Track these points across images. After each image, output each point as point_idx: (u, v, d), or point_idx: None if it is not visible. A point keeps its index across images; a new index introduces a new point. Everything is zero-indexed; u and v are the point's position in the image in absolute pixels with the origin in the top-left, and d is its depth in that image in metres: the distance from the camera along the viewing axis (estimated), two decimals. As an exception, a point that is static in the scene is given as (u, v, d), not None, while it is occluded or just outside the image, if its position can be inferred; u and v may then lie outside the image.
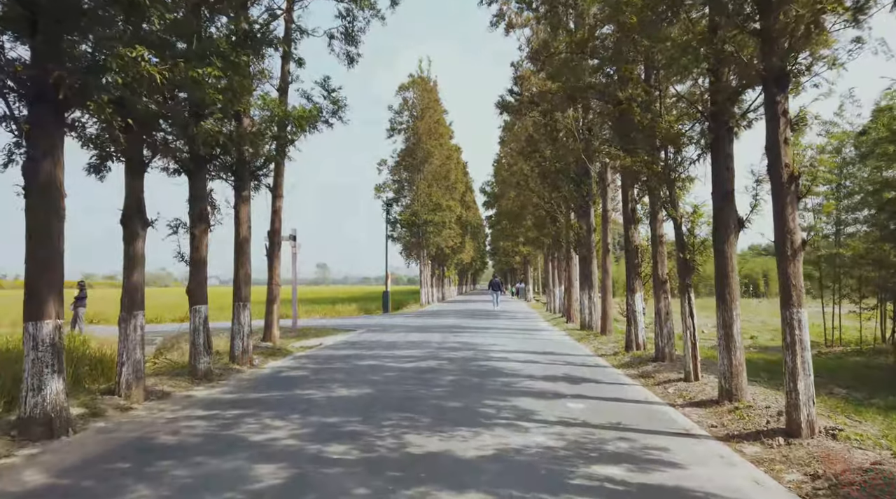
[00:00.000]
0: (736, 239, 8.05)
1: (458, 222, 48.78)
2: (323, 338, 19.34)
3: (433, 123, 42.37)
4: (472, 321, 25.34)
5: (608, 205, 16.83)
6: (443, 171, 43.65)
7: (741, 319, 8.08)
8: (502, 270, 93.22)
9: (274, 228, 14.90)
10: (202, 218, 10.49)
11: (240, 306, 12.11)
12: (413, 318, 28.71)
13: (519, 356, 13.35)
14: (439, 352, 14.22)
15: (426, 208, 41.63)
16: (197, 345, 10.37)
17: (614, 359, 12.70)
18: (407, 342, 16.58)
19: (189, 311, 10.46)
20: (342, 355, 13.82)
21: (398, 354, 13.92)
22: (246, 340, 12.11)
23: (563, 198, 20.95)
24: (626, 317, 13.53)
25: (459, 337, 18.02)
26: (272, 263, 14.89)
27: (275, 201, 14.87)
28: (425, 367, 11.82)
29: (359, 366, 12.05)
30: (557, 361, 12.67)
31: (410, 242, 43.54)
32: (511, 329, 21.29)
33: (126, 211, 8.57)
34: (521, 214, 33.92)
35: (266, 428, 6.96)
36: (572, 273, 22.88)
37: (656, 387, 9.55)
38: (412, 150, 42.07)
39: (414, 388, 9.48)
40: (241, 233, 12.19)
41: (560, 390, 9.21)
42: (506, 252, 63.08)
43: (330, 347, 15.70)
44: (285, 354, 13.97)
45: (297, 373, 11.30)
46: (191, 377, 10.26)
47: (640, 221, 13.44)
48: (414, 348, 15.03)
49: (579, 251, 20.07)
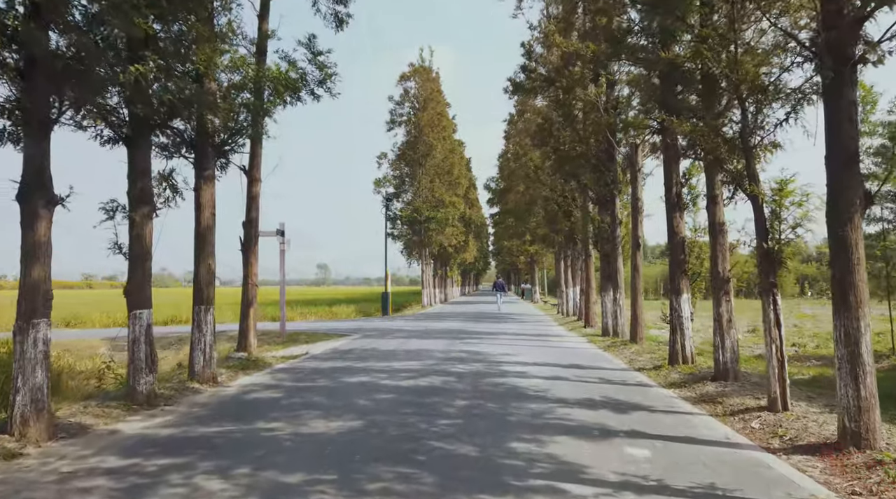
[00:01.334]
0: (861, 219, 5.79)
1: (461, 220, 46.54)
2: (312, 345, 17.09)
3: (435, 115, 40.13)
4: (479, 325, 23.06)
5: (639, 193, 14.56)
6: (445, 165, 41.40)
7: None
8: (505, 271, 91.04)
9: (250, 218, 12.64)
10: (144, 199, 8.25)
11: (201, 311, 9.87)
12: (414, 321, 26.44)
13: (540, 370, 11.08)
14: (444, 364, 11.97)
15: (428, 205, 39.38)
16: (137, 361, 8.12)
17: (658, 375, 10.42)
18: (406, 351, 14.33)
19: (128, 317, 8.21)
20: (329, 369, 11.58)
21: (395, 367, 11.67)
22: (209, 352, 9.87)
23: (582, 188, 18.67)
24: (668, 323, 11.27)
25: (466, 345, 15.75)
26: (248, 259, 12.63)
27: (251, 187, 12.61)
28: (428, 386, 9.55)
29: (346, 384, 9.80)
30: (589, 377, 10.40)
31: (412, 241, 41.29)
32: (524, 335, 19.02)
33: (23, 185, 6.33)
34: (530, 209, 31.69)
35: (194, 494, 4.72)
36: (590, 272, 20.61)
37: (731, 418, 7.27)
38: (413, 143, 39.83)
39: (413, 419, 7.22)
40: (203, 220, 9.95)
41: (607, 424, 6.94)
42: (510, 252, 60.79)
43: (316, 358, 13.45)
44: (261, 367, 11.72)
45: (269, 394, 9.04)
46: (128, 402, 8.01)
47: (686, 208, 11.17)
48: (414, 359, 12.77)
49: (601, 248, 17.80)
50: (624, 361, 12.37)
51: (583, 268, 22.65)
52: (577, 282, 25.09)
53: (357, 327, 23.18)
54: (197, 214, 9.99)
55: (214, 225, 10.12)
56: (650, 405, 8.04)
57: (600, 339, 16.96)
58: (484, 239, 75.97)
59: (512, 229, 48.28)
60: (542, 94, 18.07)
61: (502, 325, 23.53)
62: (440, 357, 13.13)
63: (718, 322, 9.22)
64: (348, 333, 20.65)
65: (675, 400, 8.48)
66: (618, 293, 16.41)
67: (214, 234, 10.11)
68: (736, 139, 7.62)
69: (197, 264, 9.95)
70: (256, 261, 12.75)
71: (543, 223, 29.31)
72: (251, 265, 12.65)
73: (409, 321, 26.25)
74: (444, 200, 39.90)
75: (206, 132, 9.86)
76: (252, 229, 12.62)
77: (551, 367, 11.64)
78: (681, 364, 10.85)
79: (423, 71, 40.57)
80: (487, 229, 73.65)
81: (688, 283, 11.05)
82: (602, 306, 17.91)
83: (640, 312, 14.59)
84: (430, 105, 40.05)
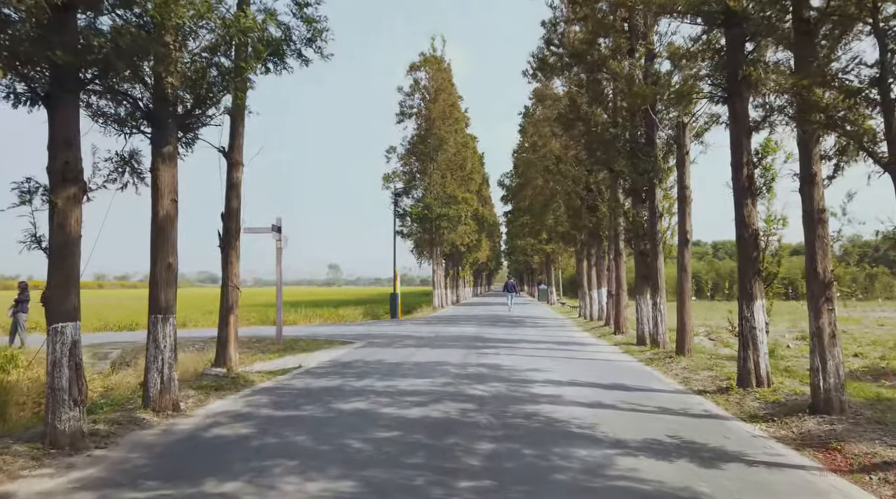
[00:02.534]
0: None
1: (474, 217, 44.49)
2: (310, 354, 15.14)
3: (447, 107, 38.08)
4: (496, 330, 20.99)
5: (687, 179, 12.44)
6: (458, 160, 39.36)
7: None
8: (518, 271, 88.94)
9: (230, 209, 10.65)
10: (69, 177, 6.28)
11: (157, 322, 7.89)
12: (425, 325, 24.42)
13: (579, 393, 9.01)
14: (460, 384, 9.92)
15: (440, 201, 37.35)
16: (57, 390, 6.15)
17: (729, 402, 8.30)
18: (415, 365, 12.30)
19: (48, 331, 6.24)
20: (321, 390, 9.58)
21: (401, 387, 9.64)
22: (168, 373, 7.89)
23: (613, 178, 16.55)
24: (737, 335, 9.15)
25: (484, 356, 13.70)
26: (227, 257, 10.64)
27: (231, 172, 10.63)
28: (441, 418, 7.52)
29: (338, 414, 7.79)
30: (641, 403, 8.31)
31: (422, 239, 39.28)
32: (547, 343, 16.93)
33: None
34: (549, 205, 29.60)
35: None
36: (621, 272, 18.48)
37: (868, 478, 5.17)
38: (424, 136, 37.82)
39: (422, 480, 5.19)
40: (162, 209, 7.97)
41: (698, 489, 4.87)
42: (523, 251, 58.62)
43: (310, 373, 11.45)
44: (240, 387, 9.74)
45: (237, 429, 7.05)
46: (44, 446, 6.04)
47: (761, 194, 9.05)
48: (424, 376, 10.74)
49: (636, 245, 15.69)
50: (676, 381, 10.25)
51: (611, 267, 20.53)
52: (602, 283, 22.96)
53: (363, 333, 21.20)
54: (154, 201, 8.02)
55: (176, 215, 8.13)
56: (742, 453, 5.95)
57: (637, 349, 14.83)
58: (496, 238, 73.82)
59: (528, 227, 46.15)
60: (568, 72, 15.97)
61: (522, 330, 21.44)
62: (455, 373, 11.09)
63: (818, 337, 7.10)
64: (352, 339, 18.67)
65: (769, 443, 6.36)
66: (658, 296, 14.28)
67: (176, 225, 8.13)
68: (866, 90, 5.52)
69: (154, 263, 7.97)
70: (238, 259, 10.77)
71: (564, 220, 27.17)
72: (231, 264, 10.66)
73: (419, 326, 24.24)
74: (456, 197, 37.85)
75: (164, 99, 7.89)
76: (232, 222, 10.63)
77: (590, 387, 9.56)
78: (755, 387, 8.73)
79: (433, 61, 38.55)
80: (499, 228, 71.52)
81: (762, 286, 8.93)
82: (637, 311, 15.79)
83: (688, 318, 12.46)
84: (441, 96, 38.02)
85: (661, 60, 14.08)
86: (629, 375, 10.98)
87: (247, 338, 19.52)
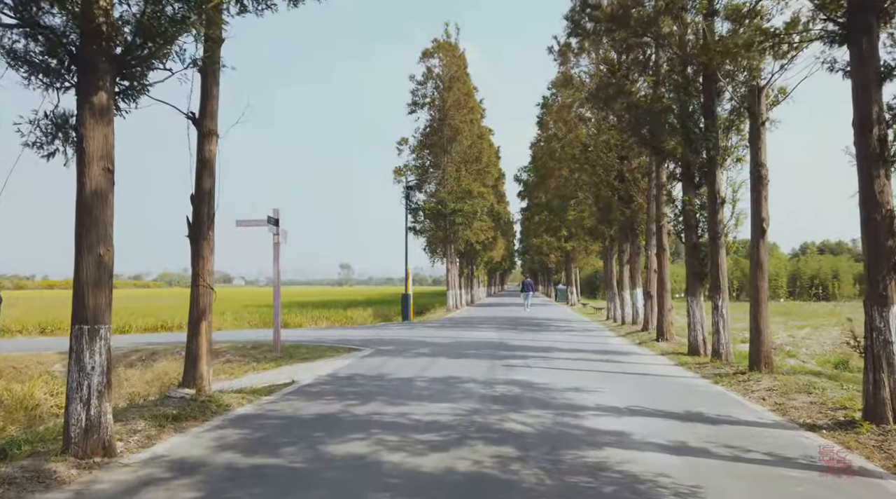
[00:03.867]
0: None
1: (490, 214, 42.21)
2: (308, 365, 13.05)
3: (462, 96, 35.85)
4: (520, 336, 18.76)
5: (762, 156, 10.16)
6: (473, 152, 37.13)
7: None
8: (532, 271, 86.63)
9: (201, 191, 8.48)
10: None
11: (82, 334, 5.76)
12: (439, 329, 22.23)
13: (647, 427, 6.77)
14: (490, 412, 7.72)
15: (454, 196, 35.14)
16: None
17: (865, 446, 6.02)
18: (430, 382, 10.11)
19: None
20: (311, 419, 7.43)
21: (414, 416, 7.46)
22: (97, 405, 5.76)
23: (660, 161, 14.23)
24: (864, 350, 6.87)
25: (513, 369, 11.49)
26: (199, 250, 8.47)
27: (202, 143, 8.46)
28: (470, 472, 5.32)
29: (326, 463, 5.62)
30: (741, 447, 6.06)
31: (436, 236, 37.09)
32: (582, 351, 14.67)
33: None
34: (576, 196, 27.29)
35: None
36: (664, 271, 16.16)
37: None
38: (437, 127, 35.64)
39: None
40: (90, 180, 5.84)
41: None
42: (539, 250, 56.22)
43: (303, 393, 9.30)
44: (210, 415, 7.59)
45: (175, 495, 4.90)
46: None
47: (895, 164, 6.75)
48: (442, 398, 8.56)
49: (688, 238, 13.40)
50: (767, 408, 7.96)
51: (649, 265, 18.22)
52: (637, 282, 20.64)
53: (371, 337, 19.05)
54: (80, 170, 5.89)
55: (110, 189, 6.00)
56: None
57: (691, 360, 12.54)
58: (510, 237, 71.42)
59: (545, 224, 43.79)
60: (607, 37, 13.68)
61: (548, 335, 19.19)
62: (481, 394, 8.88)
63: None
64: (359, 346, 16.54)
65: None
66: (719, 298, 11.98)
67: (111, 204, 6.00)
68: None
69: (78, 253, 5.84)
70: (212, 253, 8.60)
71: (590, 214, 24.84)
72: (204, 259, 8.50)
73: (433, 329, 22.04)
74: (471, 191, 35.62)
75: (95, 32, 5.76)
76: (204, 206, 8.48)
77: (659, 418, 7.32)
78: (893, 423, 6.44)
79: (447, 47, 36.34)
80: (514, 227, 69.14)
81: (898, 286, 6.63)
82: (688, 315, 13.50)
83: (765, 326, 10.16)
84: (455, 85, 35.79)
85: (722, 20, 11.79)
86: (699, 398, 8.70)
87: (243, 344, 17.48)
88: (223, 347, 16.71)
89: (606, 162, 20.31)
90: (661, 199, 15.84)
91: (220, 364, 14.35)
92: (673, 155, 13.57)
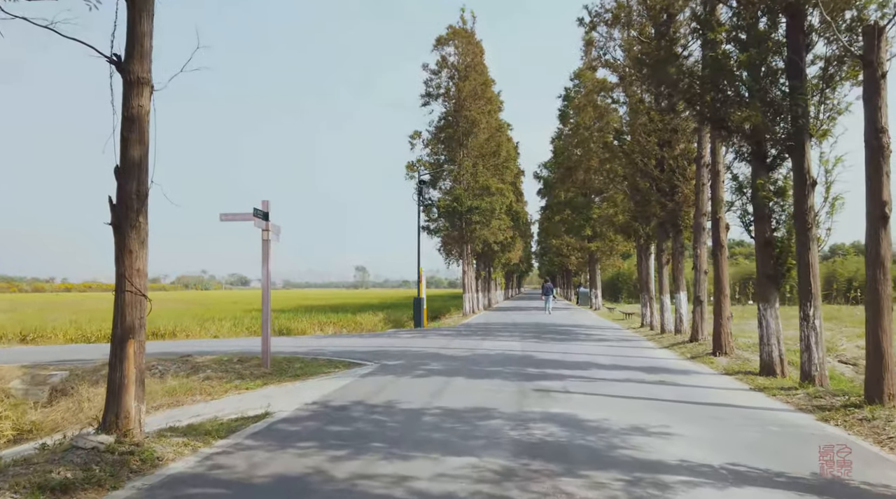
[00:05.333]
0: None
1: (508, 212, 39.72)
2: (296, 385, 10.81)
3: (479, 86, 33.43)
4: (548, 347, 16.29)
5: (882, 120, 7.67)
6: (491, 146, 34.66)
7: None
8: (550, 273, 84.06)
9: (128, 161, 6.11)
10: None
11: None
12: (455, 337, 19.83)
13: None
14: (526, 477, 5.28)
15: (471, 193, 32.74)
16: None
17: None
18: (442, 416, 7.70)
19: None
20: (268, 489, 5.08)
21: (416, 483, 5.06)
22: None
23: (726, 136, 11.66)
24: None
25: (549, 397, 9.04)
26: (125, 242, 6.11)
27: (129, 95, 6.10)
28: None
29: None
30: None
31: (451, 236, 34.69)
32: (627, 369, 12.18)
33: None
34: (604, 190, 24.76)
35: None
36: (723, 271, 13.59)
37: None
38: (453, 119, 33.26)
39: None
40: None
41: None
42: (559, 251, 53.61)
43: (269, 436, 6.94)
44: (122, 481, 5.23)
45: None
46: None
47: None
48: (457, 450, 6.14)
49: (759, 231, 10.86)
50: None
51: (698, 265, 15.68)
52: (680, 285, 18.06)
53: (378, 348, 16.71)
54: None
55: None
56: None
57: (770, 384, 10.01)
58: (528, 238, 68.83)
59: (568, 224, 41.21)
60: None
61: (579, 346, 16.70)
62: (512, 441, 6.46)
63: None
64: (362, 359, 14.22)
65: None
66: (811, 306, 9.44)
67: None
68: None
69: None
70: (143, 246, 6.25)
71: (625, 208, 22.28)
72: (130, 254, 6.15)
73: (448, 338, 19.65)
74: (489, 187, 33.16)
75: None
76: (131, 181, 6.13)
77: (788, 492, 4.86)
78: None
79: (463, 34, 33.95)
80: (531, 229, 66.54)
81: None
82: (760, 326, 10.97)
83: (889, 343, 7.62)
84: (472, 74, 33.39)
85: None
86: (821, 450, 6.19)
87: (230, 356, 15.24)
88: (205, 362, 14.47)
89: (645, 148, 17.79)
90: (718, 186, 13.31)
91: (198, 382, 12.11)
92: (740, 130, 11.05)
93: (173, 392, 11.21)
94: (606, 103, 21.85)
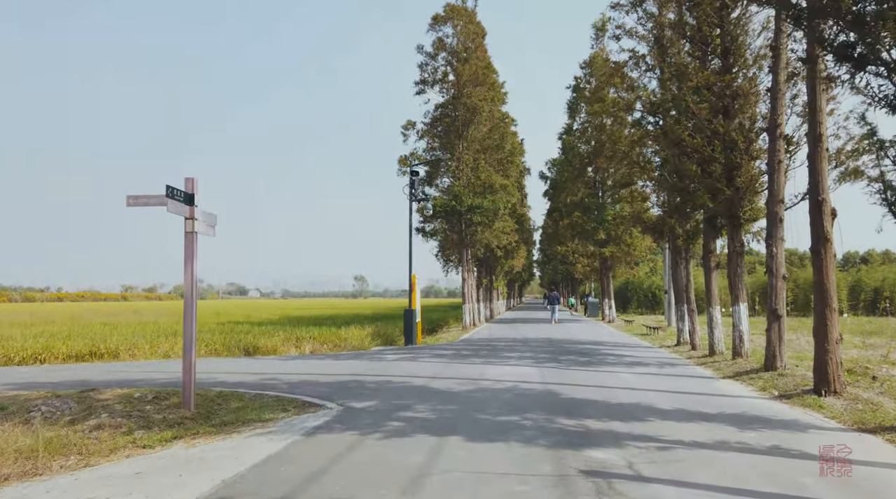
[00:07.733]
0: None
1: (512, 215, 35.87)
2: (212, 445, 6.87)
3: (480, 69, 29.69)
4: (575, 378, 12.34)
5: None
6: (494, 137, 30.89)
7: None
8: (554, 282, 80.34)
9: None
10: None
11: None
12: (451, 361, 15.87)
13: None
14: None
15: (471, 190, 28.91)
16: None
17: None
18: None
19: None
20: None
21: None
22: None
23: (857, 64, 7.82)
24: None
25: (606, 482, 5.11)
26: None
27: None
28: None
29: None
30: None
31: (449, 239, 30.84)
32: (706, 419, 8.24)
33: None
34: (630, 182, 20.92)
35: None
36: (827, 276, 9.62)
37: None
38: (451, 107, 29.50)
39: None
40: None
41: None
42: (564, 258, 49.65)
43: None
44: None
45: None
46: None
47: None
48: None
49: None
50: None
51: (774, 269, 11.78)
52: (739, 295, 14.10)
53: (351, 377, 12.74)
54: None
55: None
56: None
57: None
58: (531, 246, 64.92)
59: (578, 227, 37.32)
60: None
61: (615, 376, 12.76)
62: None
63: None
64: (324, 397, 10.29)
65: None
66: None
67: None
68: None
69: None
70: None
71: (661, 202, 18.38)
72: None
73: (443, 362, 15.68)
74: (492, 184, 29.34)
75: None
76: None
77: None
78: None
79: (463, 13, 30.25)
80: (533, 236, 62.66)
81: None
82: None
83: None
84: (472, 57, 29.66)
85: None
86: None
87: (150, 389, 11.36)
88: (110, 399, 10.50)
89: (696, 124, 13.92)
90: (819, 157, 9.39)
91: (82, 433, 8.15)
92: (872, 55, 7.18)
93: (35, 452, 7.26)
94: (634, 77, 18.00)
